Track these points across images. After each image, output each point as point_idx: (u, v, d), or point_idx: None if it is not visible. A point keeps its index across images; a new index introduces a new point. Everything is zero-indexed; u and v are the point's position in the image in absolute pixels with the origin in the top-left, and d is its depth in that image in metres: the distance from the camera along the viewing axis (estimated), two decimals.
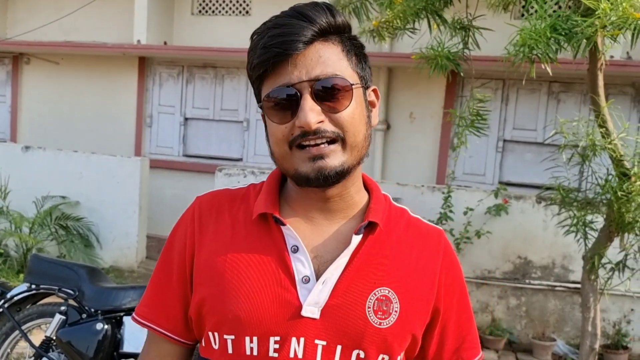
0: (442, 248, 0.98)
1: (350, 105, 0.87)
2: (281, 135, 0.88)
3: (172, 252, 0.99)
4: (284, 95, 0.86)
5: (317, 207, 0.94)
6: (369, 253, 0.92)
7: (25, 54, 7.56)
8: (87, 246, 5.79)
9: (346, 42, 0.91)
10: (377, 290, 0.90)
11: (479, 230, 4.72)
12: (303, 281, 0.89)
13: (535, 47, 2.59)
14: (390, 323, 0.89)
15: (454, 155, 5.81)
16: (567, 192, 3.48)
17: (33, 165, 6.14)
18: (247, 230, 0.94)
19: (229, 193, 1.00)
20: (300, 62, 0.85)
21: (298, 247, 0.90)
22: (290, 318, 0.87)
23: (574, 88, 5.71)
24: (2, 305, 2.73)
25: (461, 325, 1.00)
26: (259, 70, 0.88)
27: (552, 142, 4.66)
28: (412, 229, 0.98)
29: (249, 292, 0.89)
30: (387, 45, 6.00)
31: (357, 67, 0.92)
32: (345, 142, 0.87)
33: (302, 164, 0.87)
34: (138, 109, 7.15)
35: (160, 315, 0.99)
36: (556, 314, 4.75)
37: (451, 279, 0.98)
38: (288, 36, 0.85)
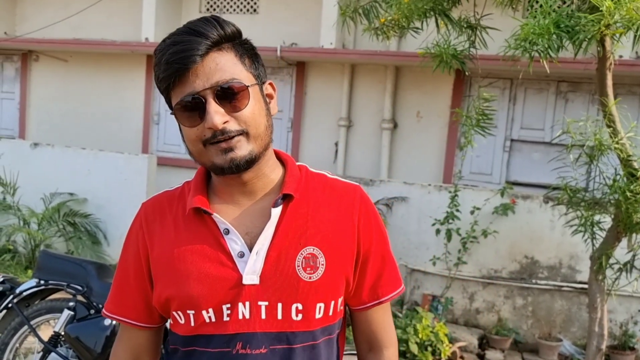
0: (357, 199, 1.13)
1: (249, 103, 1.01)
2: (194, 137, 1.02)
3: (127, 256, 1.15)
4: (191, 102, 0.99)
5: (239, 191, 1.09)
6: (291, 220, 1.07)
7: (34, 52, 7.60)
8: (95, 243, 5.83)
9: (238, 47, 1.04)
10: (303, 250, 1.05)
11: (486, 229, 4.71)
12: (239, 256, 1.05)
13: (537, 42, 2.57)
14: (319, 275, 1.05)
15: (461, 155, 5.80)
16: (574, 192, 3.46)
17: (41, 162, 6.17)
18: (186, 225, 1.09)
19: (168, 195, 1.16)
20: (200, 72, 0.99)
21: (228, 229, 1.05)
22: (234, 287, 1.03)
23: (582, 88, 5.68)
24: (11, 300, 2.75)
25: (377, 265, 1.14)
26: (165, 84, 1.01)
27: (560, 141, 4.65)
28: (329, 190, 1.13)
29: (198, 274, 1.04)
30: (395, 44, 6.00)
31: (251, 68, 1.05)
32: (249, 135, 1.01)
33: (216, 157, 1.01)
34: (145, 106, 7.17)
35: (125, 308, 1.15)
36: (563, 314, 4.74)
37: (368, 223, 1.12)
38: (186, 52, 0.97)
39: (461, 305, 4.94)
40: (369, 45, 5.00)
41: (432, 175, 6.11)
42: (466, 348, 4.48)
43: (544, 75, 4.03)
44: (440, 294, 4.89)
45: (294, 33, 6.52)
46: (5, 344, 2.79)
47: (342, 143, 6.38)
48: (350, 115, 6.39)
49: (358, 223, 1.11)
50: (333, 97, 6.42)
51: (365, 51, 5.87)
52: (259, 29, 6.65)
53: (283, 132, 6.70)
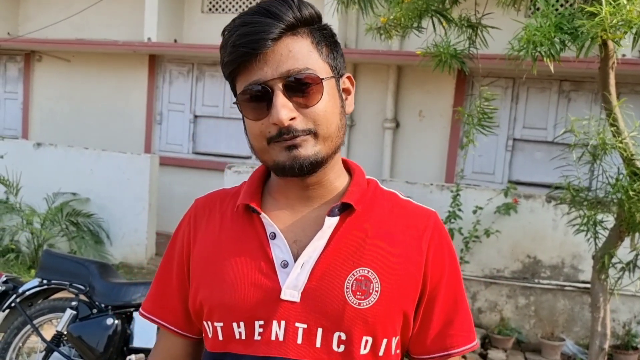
0: (430, 226, 0.97)
1: (321, 99, 0.88)
2: (258, 132, 0.90)
3: (172, 252, 1.05)
4: (256, 92, 0.87)
5: (297, 195, 0.96)
6: (347, 234, 0.92)
7: (37, 52, 7.62)
8: (97, 242, 5.84)
9: (316, 33, 0.91)
10: (355, 271, 0.90)
11: (488, 229, 4.70)
12: (282, 266, 0.91)
13: (540, 44, 2.58)
14: (370, 303, 0.89)
15: (463, 154, 5.79)
16: (577, 191, 3.45)
17: (44, 161, 6.19)
18: (232, 223, 0.98)
19: (223, 192, 1.05)
20: (270, 59, 0.86)
21: (275, 233, 0.93)
22: (270, 301, 0.89)
23: (584, 87, 5.67)
24: (14, 299, 2.76)
25: (448, 308, 0.96)
26: (230, 68, 0.90)
27: (562, 140, 4.64)
28: (398, 210, 0.98)
29: (233, 279, 0.92)
30: (397, 43, 5.99)
31: (328, 58, 0.92)
32: (318, 135, 0.89)
33: (279, 154, 0.89)
34: (148, 106, 7.19)
35: (163, 309, 1.04)
36: (565, 314, 4.73)
37: (440, 255, 0.96)
38: (255, 34, 0.85)
39: None
40: (371, 44, 5.00)
41: (434, 174, 6.11)
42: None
43: (547, 74, 4.03)
44: None
45: None
46: (8, 343, 2.80)
47: (345, 142, 6.36)
48: (353, 115, 6.39)
49: (428, 252, 0.94)
50: None
51: (368, 50, 5.87)
52: None
53: None
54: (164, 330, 1.05)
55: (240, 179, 5.34)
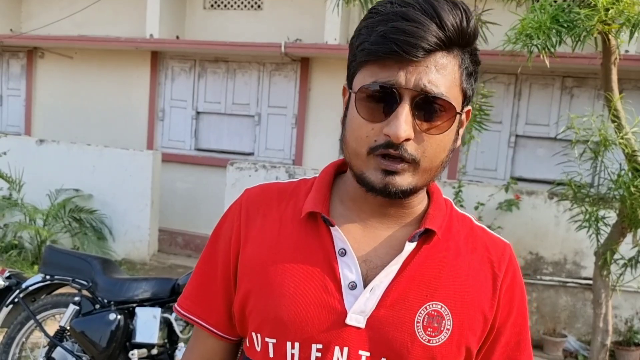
0: (505, 260, 0.90)
1: (445, 132, 0.80)
2: (364, 135, 0.80)
3: (217, 246, 0.95)
4: (382, 93, 0.78)
5: (372, 210, 0.87)
6: (423, 263, 0.85)
7: (39, 48, 7.63)
8: (100, 239, 5.86)
9: (466, 57, 0.82)
10: (428, 305, 0.83)
11: (490, 225, 4.70)
12: (349, 287, 0.83)
13: (535, 36, 2.57)
14: (440, 341, 0.83)
15: (465, 150, 5.79)
16: (579, 187, 3.45)
17: (47, 158, 6.21)
18: (294, 229, 0.88)
19: (278, 187, 0.95)
20: (412, 65, 0.77)
21: (346, 250, 0.85)
22: (334, 326, 0.82)
23: (587, 83, 5.66)
24: (17, 295, 2.78)
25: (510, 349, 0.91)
26: (365, 58, 0.79)
27: (565, 137, 4.63)
28: (473, 239, 0.91)
29: (293, 294, 0.84)
30: None
31: (466, 85, 0.83)
32: (419, 167, 0.80)
33: (373, 171, 0.80)
34: (150, 102, 7.20)
35: (204, 309, 0.95)
36: (567, 310, 4.73)
37: (511, 293, 0.90)
38: (412, 36, 0.75)
39: None
40: None
41: None
42: None
43: (549, 70, 4.05)
44: None
45: (298, 29, 6.51)
46: (12, 338, 2.81)
47: None
48: None
49: (500, 289, 0.88)
50: (337, 93, 6.40)
51: None
52: (263, 25, 6.65)
53: (287, 128, 6.70)
54: (202, 330, 0.96)
55: (243, 175, 5.38)
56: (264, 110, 6.75)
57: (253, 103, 6.80)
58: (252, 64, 6.70)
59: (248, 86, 6.81)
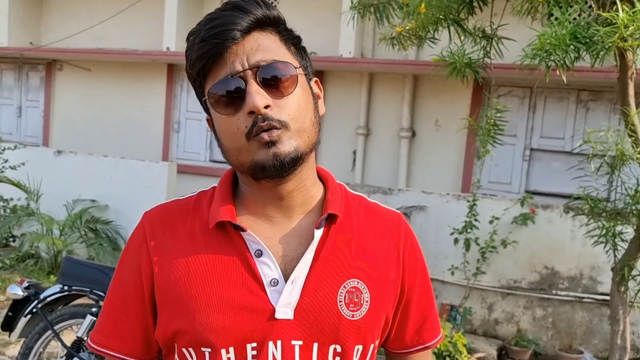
0: (402, 231, 0.99)
1: (295, 90, 0.87)
2: (235, 128, 0.85)
3: (126, 274, 0.94)
4: (229, 85, 0.85)
5: (274, 205, 0.92)
6: (333, 246, 0.91)
7: (58, 61, 7.77)
8: (115, 249, 5.91)
9: (284, 32, 0.90)
10: (346, 283, 0.90)
11: (505, 239, 4.68)
12: (272, 284, 0.88)
13: (554, 52, 2.57)
14: (362, 314, 0.90)
15: (479, 164, 5.77)
16: (595, 202, 3.42)
17: (64, 169, 6.29)
18: (206, 241, 0.90)
19: (179, 204, 0.97)
20: (240, 51, 0.85)
21: (262, 250, 0.88)
22: (264, 322, 0.86)
23: (603, 97, 5.63)
24: (35, 305, 2.81)
25: (423, 305, 1.02)
26: (199, 65, 0.86)
27: (581, 151, 4.61)
28: (371, 215, 0.99)
29: (218, 303, 0.86)
30: (413, 53, 6.01)
31: (297, 56, 0.91)
32: (291, 129, 0.85)
33: (258, 152, 0.85)
34: (166, 114, 7.28)
35: (117, 340, 0.94)
36: (584, 326, 4.67)
37: (413, 260, 0.99)
38: (224, 26, 0.84)
39: (480, 315, 4.90)
40: (388, 54, 5.02)
41: (451, 184, 6.09)
42: (485, 359, 4.44)
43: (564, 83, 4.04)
44: (458, 303, 4.86)
45: (312, 42, 6.55)
46: (30, 348, 2.84)
47: (361, 151, 6.39)
48: (369, 124, 6.41)
49: (404, 256, 0.97)
50: (351, 105, 6.45)
51: (384, 60, 5.89)
52: None
53: None
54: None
55: None
56: None
57: None
58: None
59: None
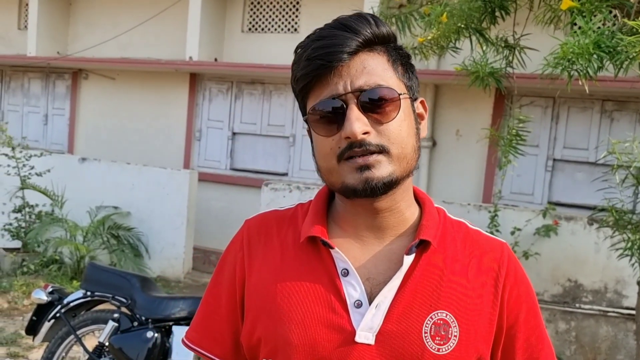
0: (504, 262, 0.92)
1: (397, 116, 0.85)
2: (328, 149, 0.85)
3: (222, 277, 0.97)
4: (330, 107, 0.84)
5: (366, 225, 0.90)
6: (423, 274, 0.87)
7: (84, 70, 7.93)
8: (137, 255, 5.98)
9: (392, 52, 0.88)
10: (433, 314, 0.85)
11: (527, 251, 4.61)
12: (355, 305, 0.85)
13: (576, 61, 2.54)
14: (449, 349, 0.84)
15: (501, 174, 5.71)
16: (620, 214, 3.36)
17: (88, 176, 6.40)
18: (296, 254, 0.91)
19: (277, 215, 0.98)
20: (344, 73, 0.84)
21: (348, 270, 0.87)
22: (343, 344, 0.84)
23: (628, 107, 5.54)
24: (59, 310, 2.86)
25: (531, 345, 0.92)
26: (303, 83, 0.87)
27: (605, 161, 4.54)
28: (469, 244, 0.93)
29: (301, 318, 0.86)
30: (434, 62, 5.99)
31: (403, 77, 0.89)
32: (391, 154, 0.84)
33: (349, 175, 0.84)
34: (188, 123, 7.36)
35: (210, 340, 0.97)
36: (608, 341, 4.57)
37: (515, 296, 0.91)
38: (332, 47, 0.83)
39: None
40: None
41: (472, 194, 6.04)
42: None
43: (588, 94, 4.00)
44: None
45: None
46: (52, 352, 2.89)
47: None
48: None
49: (503, 291, 0.90)
50: None
51: None
52: None
53: None
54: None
55: (277, 196, 5.42)
56: (298, 131, 6.82)
57: (288, 124, 6.89)
58: (288, 85, 6.75)
59: (283, 107, 6.90)
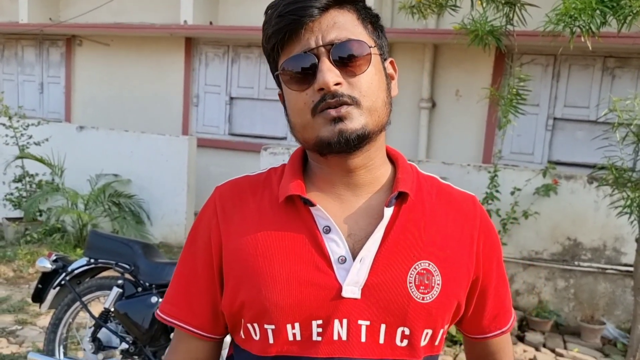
0: (477, 214, 0.96)
1: (368, 69, 0.86)
2: (302, 104, 0.86)
3: (195, 247, 0.96)
4: (302, 61, 0.85)
5: (342, 182, 0.91)
6: (404, 226, 0.89)
7: (78, 36, 7.80)
8: (138, 222, 6.01)
9: (361, 10, 0.90)
10: (417, 264, 0.88)
11: (527, 210, 4.63)
12: (339, 261, 0.86)
13: (579, 17, 2.49)
14: (433, 297, 0.87)
15: (501, 134, 5.69)
16: (620, 172, 3.36)
17: (87, 144, 6.38)
18: (275, 215, 0.90)
19: (250, 179, 0.97)
20: (316, 28, 0.85)
21: (330, 227, 0.87)
22: (330, 300, 0.85)
23: (630, 63, 5.47)
24: (64, 278, 2.89)
25: (500, 292, 1.01)
26: (274, 40, 0.87)
27: (606, 120, 4.51)
28: (444, 197, 0.96)
29: (286, 278, 0.86)
30: (433, 22, 5.89)
31: (373, 35, 0.90)
32: (363, 106, 0.85)
33: (323, 128, 0.85)
34: (185, 88, 7.29)
35: (187, 312, 0.96)
36: (606, 297, 4.64)
37: (489, 245, 0.96)
38: (303, 2, 0.84)
39: None
40: (407, 23, 4.93)
41: (472, 155, 6.03)
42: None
43: (590, 50, 3.92)
44: None
45: None
46: (59, 318, 2.93)
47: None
48: None
49: (478, 242, 0.94)
50: None
51: (403, 30, 5.79)
52: None
53: None
54: (186, 333, 0.97)
55: (276, 160, 5.41)
56: None
57: None
58: None
59: None
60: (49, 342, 2.94)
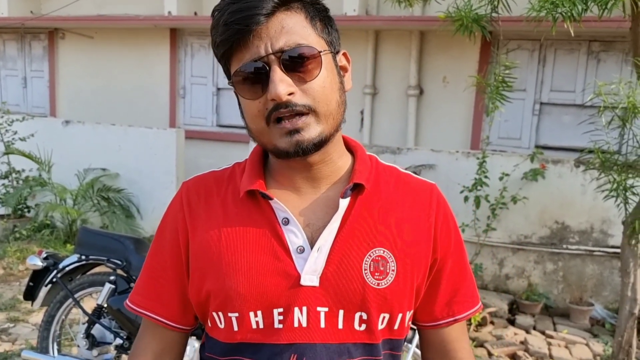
0: (434, 201, 0.99)
1: (320, 74, 0.86)
2: (256, 111, 0.87)
3: (163, 240, 0.99)
4: (252, 69, 0.85)
5: (301, 177, 0.94)
6: (359, 215, 0.92)
7: (60, 29, 7.69)
8: (128, 217, 5.99)
9: (309, 8, 0.89)
10: (372, 252, 0.91)
11: (515, 195, 4.68)
12: (298, 251, 0.90)
13: (560, 5, 2.50)
14: (388, 283, 0.91)
15: (489, 120, 5.72)
16: (606, 155, 3.40)
17: (73, 139, 6.32)
18: (237, 209, 0.94)
19: (215, 175, 1.01)
20: (264, 35, 0.84)
21: (288, 219, 0.91)
22: (290, 288, 0.89)
23: (615, 47, 5.51)
24: (55, 275, 2.87)
25: (455, 277, 1.00)
26: (223, 49, 0.87)
27: (592, 104, 4.55)
28: (402, 186, 0.99)
29: (248, 268, 0.90)
30: (419, 9, 5.87)
31: (322, 33, 0.90)
32: (318, 113, 0.86)
33: (280, 139, 0.87)
34: (171, 80, 7.23)
35: (155, 302, 0.99)
36: (594, 279, 4.72)
37: (446, 231, 0.98)
38: (248, 10, 0.83)
39: (491, 271, 4.96)
40: (393, 11, 4.92)
41: (460, 141, 6.06)
42: (496, 313, 4.52)
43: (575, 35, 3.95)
44: (469, 260, 4.91)
45: None
46: (52, 316, 2.93)
47: (368, 111, 6.35)
48: (375, 83, 6.33)
49: (435, 227, 0.97)
50: (357, 64, 6.36)
51: (389, 17, 5.78)
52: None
53: None
54: (154, 323, 1.00)
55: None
56: None
57: None
58: None
59: None
60: (43, 340, 2.93)
